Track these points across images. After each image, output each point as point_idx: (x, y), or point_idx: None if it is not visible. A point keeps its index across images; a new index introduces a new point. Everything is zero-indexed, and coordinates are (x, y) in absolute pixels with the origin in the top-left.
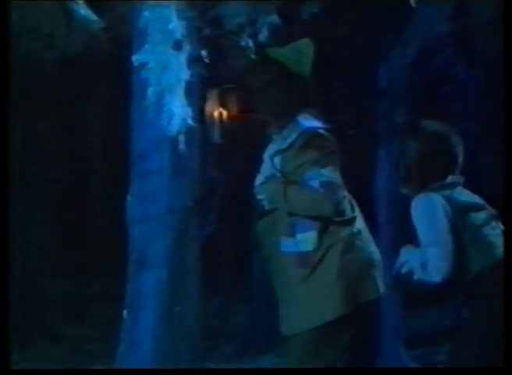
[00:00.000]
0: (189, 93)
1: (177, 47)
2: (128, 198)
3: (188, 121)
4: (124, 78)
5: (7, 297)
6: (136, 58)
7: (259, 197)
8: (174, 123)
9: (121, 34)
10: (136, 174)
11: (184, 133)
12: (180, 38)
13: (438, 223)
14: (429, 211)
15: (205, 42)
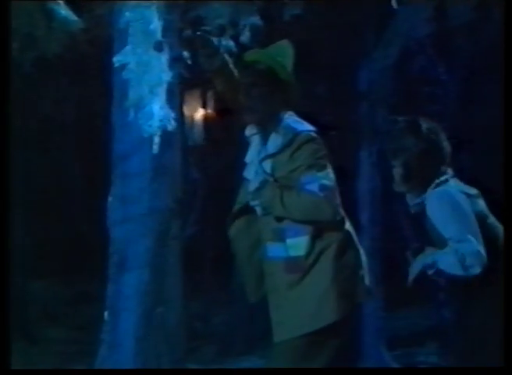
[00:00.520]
0: (170, 94)
1: (158, 48)
2: (109, 200)
3: (169, 122)
4: (105, 79)
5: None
6: (116, 59)
7: (253, 203)
8: (155, 124)
9: (101, 35)
10: (117, 175)
11: (165, 134)
12: (161, 39)
13: (467, 217)
14: (456, 206)
15: (186, 43)
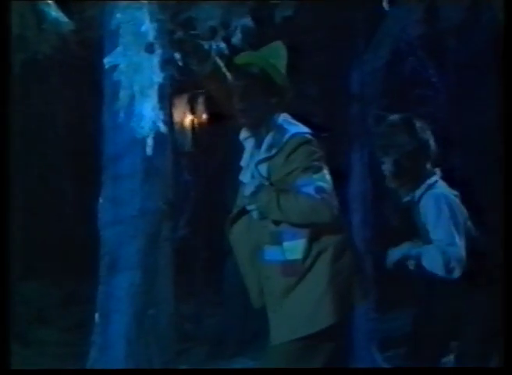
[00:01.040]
0: (161, 96)
1: (149, 49)
2: (100, 201)
3: (160, 124)
4: (95, 81)
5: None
6: (107, 60)
7: (250, 207)
8: (146, 126)
9: (92, 36)
10: (108, 177)
11: (156, 135)
12: (153, 41)
13: (459, 221)
14: (451, 210)
15: (178, 45)
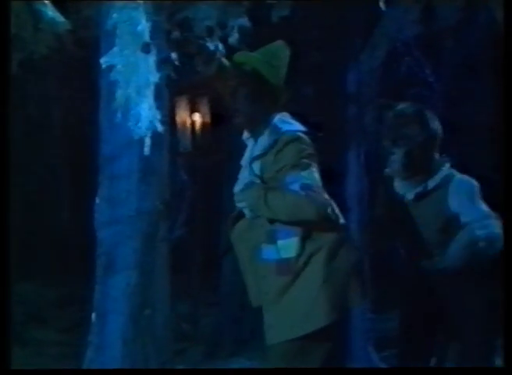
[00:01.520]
0: (158, 96)
1: (146, 49)
2: (97, 201)
3: (157, 124)
4: (92, 80)
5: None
6: (104, 60)
7: (239, 205)
8: (143, 126)
9: (89, 36)
10: (104, 177)
11: (153, 135)
12: (149, 41)
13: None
14: (479, 191)
15: (174, 45)
